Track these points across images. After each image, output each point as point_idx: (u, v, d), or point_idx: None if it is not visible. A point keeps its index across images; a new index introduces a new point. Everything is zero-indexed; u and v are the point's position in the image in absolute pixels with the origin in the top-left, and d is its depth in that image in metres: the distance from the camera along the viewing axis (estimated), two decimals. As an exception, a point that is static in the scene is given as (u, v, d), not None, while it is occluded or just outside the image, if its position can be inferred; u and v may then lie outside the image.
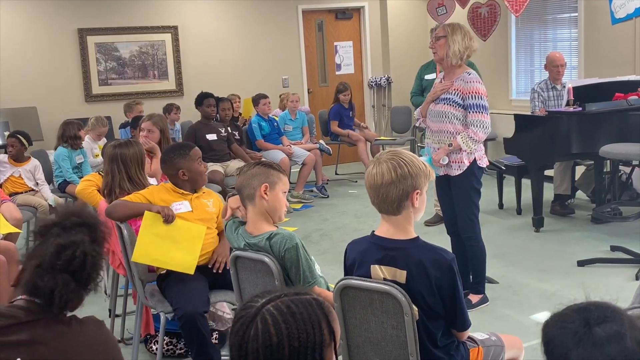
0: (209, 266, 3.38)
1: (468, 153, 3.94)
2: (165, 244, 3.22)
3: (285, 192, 2.73)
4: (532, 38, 8.28)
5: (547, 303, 4.17)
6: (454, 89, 3.96)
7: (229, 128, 7.22)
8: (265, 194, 2.63)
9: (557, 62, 6.08)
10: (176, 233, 3.25)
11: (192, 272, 3.22)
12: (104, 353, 1.80)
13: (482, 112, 3.89)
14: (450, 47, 3.92)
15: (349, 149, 9.00)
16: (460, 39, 3.90)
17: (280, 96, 8.70)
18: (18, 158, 5.85)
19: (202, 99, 7.05)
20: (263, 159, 5.23)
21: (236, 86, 8.89)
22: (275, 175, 2.68)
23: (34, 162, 5.93)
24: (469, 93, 3.90)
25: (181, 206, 3.36)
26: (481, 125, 3.88)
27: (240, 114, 8.45)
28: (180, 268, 3.21)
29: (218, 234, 3.48)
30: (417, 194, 2.20)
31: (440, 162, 3.97)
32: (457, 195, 4.05)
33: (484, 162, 4.03)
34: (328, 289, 2.69)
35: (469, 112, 3.90)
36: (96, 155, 6.55)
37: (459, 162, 3.97)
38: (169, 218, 3.25)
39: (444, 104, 3.99)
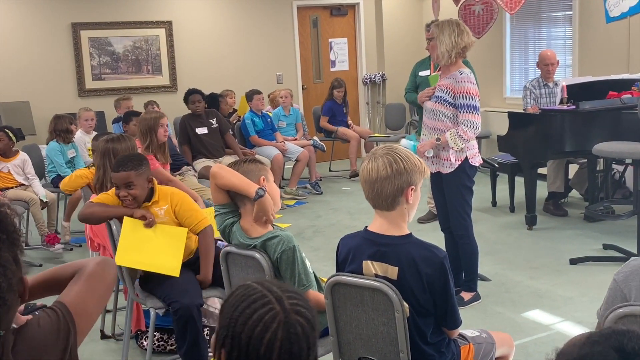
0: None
1: (456, 151, 3.92)
2: (148, 246, 3.19)
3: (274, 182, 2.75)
4: (527, 36, 8.28)
5: (539, 301, 4.18)
6: (446, 87, 3.95)
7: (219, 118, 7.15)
8: (265, 186, 2.62)
9: (547, 61, 6.09)
10: (158, 237, 3.22)
11: (177, 274, 3.18)
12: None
13: (472, 113, 3.88)
14: (438, 48, 3.91)
15: (343, 146, 8.99)
16: (447, 39, 3.88)
17: (269, 96, 8.63)
18: (5, 153, 5.80)
19: (187, 96, 7.00)
20: (252, 156, 5.23)
21: (230, 82, 8.86)
22: (264, 168, 2.70)
23: (22, 157, 5.89)
24: (460, 92, 3.88)
25: None
26: (471, 125, 3.87)
27: (235, 109, 8.43)
28: (164, 270, 3.18)
29: (202, 249, 3.35)
30: (411, 190, 2.20)
31: (425, 154, 3.97)
32: (449, 193, 4.04)
33: (476, 161, 4.02)
34: (318, 282, 2.69)
35: (460, 112, 3.89)
36: (89, 151, 6.49)
37: (449, 160, 3.96)
38: (151, 224, 3.22)
39: (436, 101, 3.99)
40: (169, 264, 3.18)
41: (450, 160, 3.94)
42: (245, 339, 1.30)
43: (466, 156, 3.96)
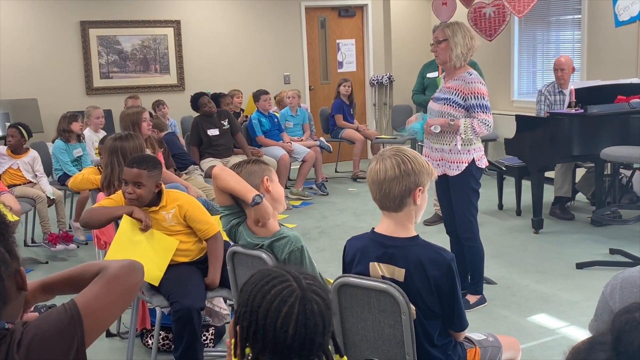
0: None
1: (462, 142, 3.90)
2: (137, 249, 3.20)
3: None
4: (535, 39, 8.26)
5: (545, 305, 4.17)
6: (454, 89, 3.94)
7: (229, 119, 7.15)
8: (269, 186, 2.61)
9: (556, 66, 6.11)
10: (150, 242, 3.24)
11: (156, 283, 3.20)
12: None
13: (485, 112, 3.89)
14: (453, 50, 3.89)
15: (349, 147, 8.97)
16: (461, 41, 3.87)
17: (275, 97, 8.63)
18: (17, 150, 5.82)
19: (195, 101, 6.98)
20: (256, 157, 5.24)
21: (237, 82, 8.87)
22: (267, 169, 2.66)
23: (32, 154, 5.91)
24: (470, 93, 3.88)
25: None
26: (485, 123, 3.89)
27: (242, 110, 8.43)
28: (146, 277, 3.18)
29: (210, 252, 3.38)
30: (419, 191, 2.20)
31: (432, 129, 3.95)
32: (456, 196, 4.03)
33: (483, 163, 4.02)
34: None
35: (473, 112, 3.89)
36: (96, 149, 6.49)
37: (457, 163, 3.96)
38: (147, 228, 3.24)
39: (444, 104, 3.98)
40: (152, 272, 3.19)
41: (456, 149, 3.92)
42: (263, 312, 1.36)
43: (473, 158, 3.96)
